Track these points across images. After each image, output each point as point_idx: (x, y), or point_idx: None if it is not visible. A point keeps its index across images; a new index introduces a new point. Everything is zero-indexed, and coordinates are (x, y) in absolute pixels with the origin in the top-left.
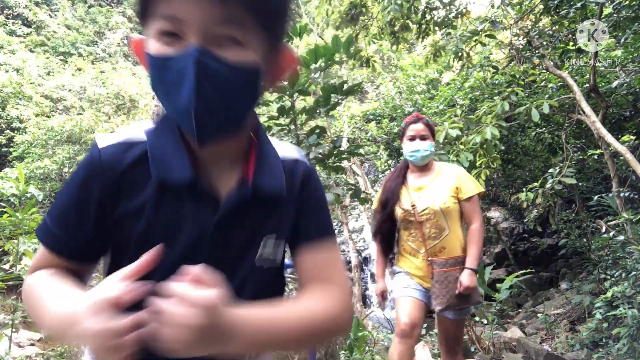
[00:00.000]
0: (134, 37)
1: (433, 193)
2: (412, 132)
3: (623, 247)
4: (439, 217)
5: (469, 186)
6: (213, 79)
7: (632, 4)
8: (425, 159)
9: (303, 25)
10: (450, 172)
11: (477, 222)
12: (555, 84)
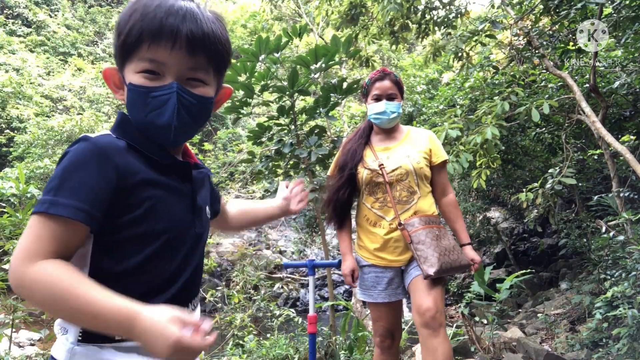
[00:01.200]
0: (109, 68)
1: (404, 152)
2: (377, 91)
3: (623, 247)
4: (411, 178)
5: (441, 150)
6: (186, 107)
7: (632, 4)
8: (392, 122)
9: (303, 25)
10: (421, 134)
11: (452, 193)
12: (555, 84)
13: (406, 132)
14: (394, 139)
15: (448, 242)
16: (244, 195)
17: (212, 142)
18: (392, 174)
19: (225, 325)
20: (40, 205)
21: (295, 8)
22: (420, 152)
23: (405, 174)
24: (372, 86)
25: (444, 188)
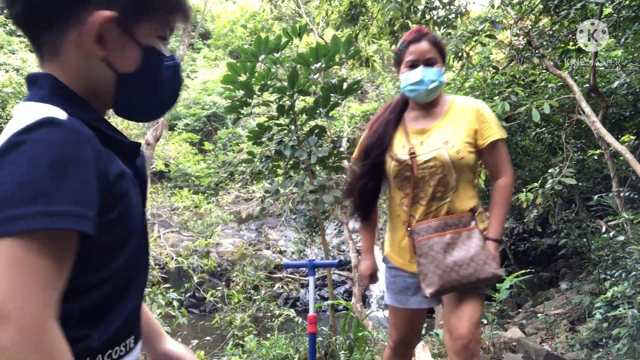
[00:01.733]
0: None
1: (442, 137)
2: (412, 56)
3: (623, 247)
4: (449, 171)
5: (490, 129)
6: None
7: (632, 4)
8: (432, 94)
9: (303, 25)
10: (467, 108)
11: (507, 175)
12: (555, 84)
13: (449, 104)
14: (434, 116)
15: (465, 251)
16: (244, 195)
17: (212, 141)
18: (424, 167)
19: (225, 325)
20: (30, 221)
21: (295, 8)
22: (462, 135)
23: (440, 166)
24: (405, 50)
25: (494, 170)
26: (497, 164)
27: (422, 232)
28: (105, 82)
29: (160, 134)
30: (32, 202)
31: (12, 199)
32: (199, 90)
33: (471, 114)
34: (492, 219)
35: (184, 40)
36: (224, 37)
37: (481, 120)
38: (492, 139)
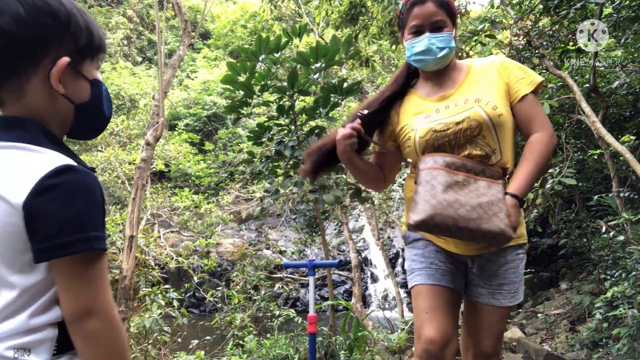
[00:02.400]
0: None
1: (472, 96)
2: (416, 20)
3: (623, 247)
4: (488, 133)
5: (521, 78)
6: None
7: (632, 4)
8: (443, 62)
9: (303, 25)
10: (489, 64)
11: (542, 130)
12: (555, 84)
13: (467, 67)
14: (452, 81)
15: (475, 197)
16: (244, 195)
17: (212, 141)
18: (457, 131)
19: (225, 325)
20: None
21: (295, 8)
22: (495, 90)
23: (477, 126)
24: (408, 14)
25: (531, 126)
26: (530, 121)
27: (429, 162)
28: (67, 113)
29: (160, 134)
30: (86, 230)
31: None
32: (199, 90)
33: (496, 68)
34: (517, 173)
35: (184, 40)
36: (224, 37)
37: (509, 73)
38: (524, 91)
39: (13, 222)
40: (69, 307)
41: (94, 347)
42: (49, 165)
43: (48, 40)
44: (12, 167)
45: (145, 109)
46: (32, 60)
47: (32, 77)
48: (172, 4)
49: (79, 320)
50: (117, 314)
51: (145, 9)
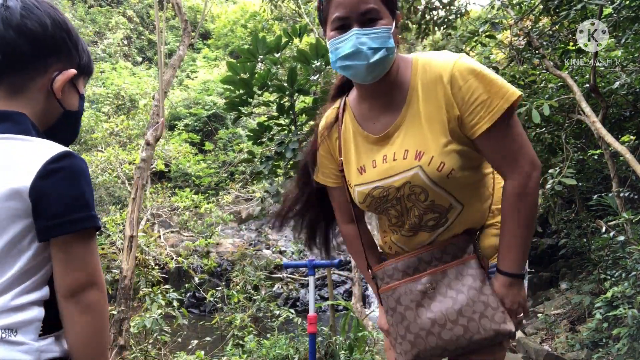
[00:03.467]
0: (72, 72)
1: (411, 145)
2: (340, 10)
3: (623, 247)
4: (436, 195)
5: (482, 103)
6: None
7: (632, 4)
8: (378, 70)
9: (303, 25)
10: (436, 77)
11: (520, 172)
12: (555, 84)
13: (411, 77)
14: (392, 104)
15: (451, 301)
16: (244, 195)
17: (213, 141)
18: (398, 197)
19: (225, 325)
20: (95, 220)
21: (295, 8)
22: (439, 132)
23: (421, 192)
24: (330, 3)
25: (499, 165)
26: (500, 159)
27: (385, 277)
28: (53, 116)
29: (160, 134)
30: (90, 209)
31: (77, 205)
32: (199, 90)
33: (443, 90)
34: (502, 243)
35: (184, 40)
36: (224, 37)
37: (462, 97)
38: (482, 127)
39: (13, 206)
40: (70, 280)
41: (90, 317)
42: (49, 151)
43: (61, 51)
44: (10, 155)
45: (145, 109)
46: (44, 63)
47: (38, 78)
48: (172, 4)
49: (81, 292)
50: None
51: (145, 9)
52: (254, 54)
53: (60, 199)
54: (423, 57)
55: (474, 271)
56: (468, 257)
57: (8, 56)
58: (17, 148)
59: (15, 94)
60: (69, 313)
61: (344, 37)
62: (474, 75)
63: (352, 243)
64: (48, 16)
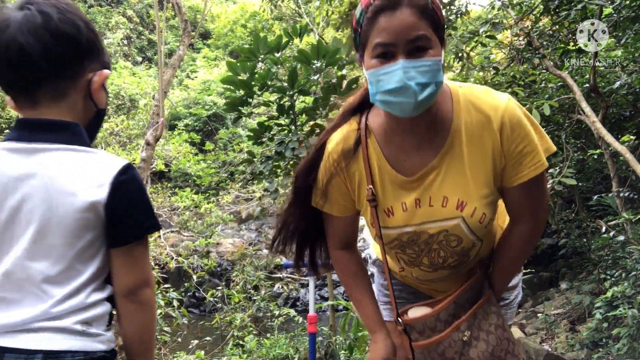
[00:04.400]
0: (107, 72)
1: (451, 192)
2: (384, 37)
3: (623, 247)
4: (469, 243)
5: (527, 156)
6: None
7: (632, 4)
8: (424, 106)
9: (303, 25)
10: (485, 121)
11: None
12: (555, 84)
13: (454, 115)
14: (430, 142)
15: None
16: (244, 195)
17: (213, 141)
18: (428, 241)
19: (225, 325)
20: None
21: (296, 8)
22: (483, 183)
23: (455, 240)
24: (370, 26)
25: (519, 210)
26: (523, 207)
27: (425, 330)
28: (89, 116)
29: (160, 134)
30: (154, 215)
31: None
32: (199, 90)
33: (492, 136)
34: (502, 276)
35: (184, 40)
36: (224, 37)
37: (509, 147)
38: (524, 178)
39: (86, 216)
40: (129, 281)
41: (145, 312)
42: (114, 164)
43: (93, 52)
44: (77, 167)
45: (145, 109)
46: (82, 65)
47: (77, 81)
48: (172, 4)
49: (138, 290)
50: None
51: (145, 9)
52: (255, 53)
53: (132, 210)
54: (465, 92)
55: (495, 308)
56: (488, 294)
57: (51, 62)
58: (82, 160)
59: (58, 99)
60: (128, 309)
61: (388, 69)
62: (523, 124)
63: (345, 268)
64: (80, 19)
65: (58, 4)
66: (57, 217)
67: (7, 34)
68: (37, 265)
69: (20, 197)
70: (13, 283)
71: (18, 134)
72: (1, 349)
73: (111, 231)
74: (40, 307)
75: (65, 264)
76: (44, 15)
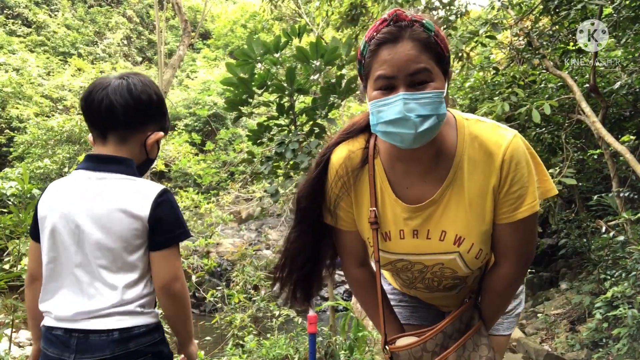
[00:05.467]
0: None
1: (450, 227)
2: (386, 69)
3: (623, 247)
4: (464, 276)
5: (520, 198)
6: None
7: (632, 4)
8: (425, 138)
9: (303, 25)
10: (488, 155)
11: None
12: (555, 84)
13: (457, 148)
14: (433, 173)
15: None
16: (244, 195)
17: (213, 141)
18: (422, 269)
19: (225, 325)
20: (189, 233)
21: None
22: (482, 219)
23: (450, 274)
24: (373, 58)
25: (506, 250)
26: (511, 247)
27: (411, 359)
28: (140, 160)
29: None
30: (185, 226)
31: (178, 224)
32: (199, 91)
33: (493, 174)
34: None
35: (184, 40)
36: (224, 37)
37: (506, 185)
38: (518, 216)
39: (136, 227)
40: (165, 276)
41: (176, 302)
42: (154, 189)
43: (156, 118)
44: (127, 191)
45: None
46: (145, 125)
47: (138, 134)
48: (172, 4)
49: (170, 284)
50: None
51: (145, 9)
52: (250, 55)
53: (168, 222)
54: (471, 125)
55: (486, 340)
56: (478, 325)
57: (126, 116)
58: (133, 186)
59: (122, 142)
60: (163, 300)
61: (388, 100)
62: (523, 165)
63: (362, 287)
64: (154, 92)
65: (143, 79)
66: (115, 226)
67: (104, 91)
68: (102, 262)
69: (89, 211)
70: (89, 278)
71: (88, 164)
72: (87, 331)
73: (152, 238)
74: (111, 298)
75: (123, 263)
76: (130, 85)
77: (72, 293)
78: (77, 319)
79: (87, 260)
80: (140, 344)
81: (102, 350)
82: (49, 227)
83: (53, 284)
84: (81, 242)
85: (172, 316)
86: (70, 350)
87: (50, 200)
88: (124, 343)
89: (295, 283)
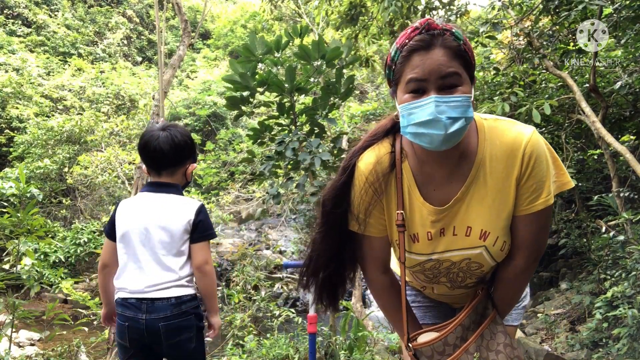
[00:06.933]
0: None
1: (476, 222)
2: (418, 73)
3: (623, 247)
4: (488, 268)
5: (539, 190)
6: None
7: (632, 5)
8: (454, 140)
9: (304, 26)
10: (509, 150)
11: (534, 253)
12: (555, 84)
13: (479, 147)
14: (457, 173)
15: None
16: (244, 195)
17: (213, 141)
18: (449, 266)
19: (225, 325)
20: (215, 234)
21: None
22: (505, 212)
23: (477, 268)
24: (404, 64)
25: (522, 240)
26: (526, 238)
27: (434, 355)
28: (184, 183)
29: None
30: (213, 228)
31: (209, 227)
32: (199, 91)
33: (514, 169)
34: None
35: (184, 40)
36: (224, 37)
37: (527, 179)
38: (533, 210)
39: (185, 227)
40: (200, 259)
41: (206, 278)
42: (195, 203)
43: (192, 155)
44: (178, 205)
45: (145, 109)
46: (185, 160)
47: (181, 167)
48: (172, 4)
49: (203, 266)
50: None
51: (145, 9)
52: (252, 51)
53: (204, 225)
54: (490, 124)
55: (502, 327)
56: (493, 314)
57: (173, 159)
58: (182, 201)
59: (171, 174)
60: (198, 277)
61: (420, 102)
62: (542, 158)
63: (386, 292)
64: (189, 138)
65: (180, 129)
66: (172, 226)
67: (156, 142)
68: (163, 252)
69: (155, 217)
70: (154, 263)
71: (151, 188)
72: (153, 299)
73: (193, 235)
74: (169, 275)
75: (177, 251)
76: (172, 135)
77: (141, 273)
78: (146, 291)
79: (153, 252)
80: (188, 306)
81: (165, 311)
82: (123, 230)
83: (127, 268)
84: (148, 239)
85: (203, 289)
86: (142, 311)
87: (125, 211)
88: (178, 306)
89: (321, 284)
